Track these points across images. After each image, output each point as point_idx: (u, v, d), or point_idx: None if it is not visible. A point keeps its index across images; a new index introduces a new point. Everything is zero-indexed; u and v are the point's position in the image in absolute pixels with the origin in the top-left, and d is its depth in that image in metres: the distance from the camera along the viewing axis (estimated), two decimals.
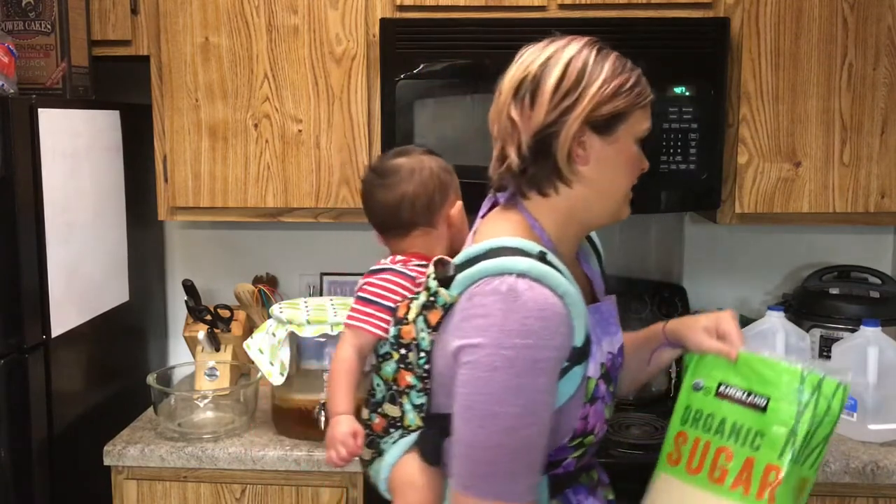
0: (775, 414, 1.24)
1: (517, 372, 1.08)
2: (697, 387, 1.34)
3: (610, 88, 1.16)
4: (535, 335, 1.08)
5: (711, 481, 1.28)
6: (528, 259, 1.12)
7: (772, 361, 1.28)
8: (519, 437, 1.09)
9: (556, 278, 1.12)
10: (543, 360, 1.09)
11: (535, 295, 1.10)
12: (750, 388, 1.28)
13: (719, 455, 1.28)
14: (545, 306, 1.09)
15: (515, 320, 1.08)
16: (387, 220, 1.51)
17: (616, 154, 1.20)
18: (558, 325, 1.10)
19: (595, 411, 1.21)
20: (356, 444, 1.38)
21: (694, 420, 1.32)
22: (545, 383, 1.10)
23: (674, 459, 1.34)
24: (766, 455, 1.23)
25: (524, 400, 1.09)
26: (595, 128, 1.17)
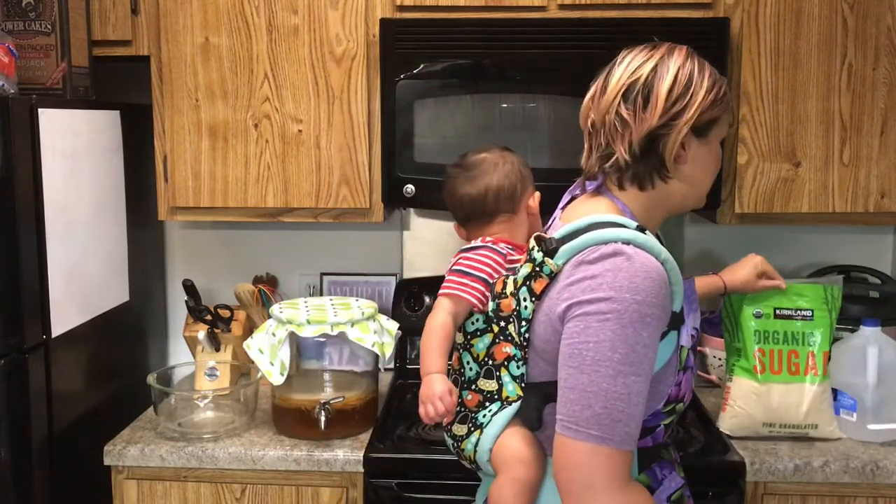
0: (817, 319, 1.90)
1: (624, 323, 1.17)
2: (759, 315, 1.91)
3: (711, 97, 1.29)
4: (644, 292, 1.18)
5: (790, 374, 1.88)
6: (630, 230, 1.24)
7: (803, 285, 1.92)
8: (621, 384, 1.16)
9: (657, 246, 1.24)
10: (649, 316, 1.18)
11: (641, 258, 1.21)
12: (796, 307, 1.91)
13: (790, 356, 1.89)
14: (650, 268, 1.20)
15: (625, 278, 1.18)
16: (473, 210, 1.60)
17: (708, 154, 1.34)
18: (662, 286, 1.20)
19: (687, 380, 1.31)
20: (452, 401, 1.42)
21: (765, 338, 1.90)
22: (649, 338, 1.18)
23: (759, 370, 1.89)
24: (821, 346, 1.89)
25: (628, 350, 1.17)
26: (695, 131, 1.30)
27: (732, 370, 1.93)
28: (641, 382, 1.18)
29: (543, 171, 1.95)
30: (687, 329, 1.29)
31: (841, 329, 2.03)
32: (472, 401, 1.43)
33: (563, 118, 1.97)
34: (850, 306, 2.10)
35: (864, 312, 2.06)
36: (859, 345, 1.90)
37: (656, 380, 1.25)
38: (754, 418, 1.88)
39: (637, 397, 1.18)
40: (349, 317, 1.90)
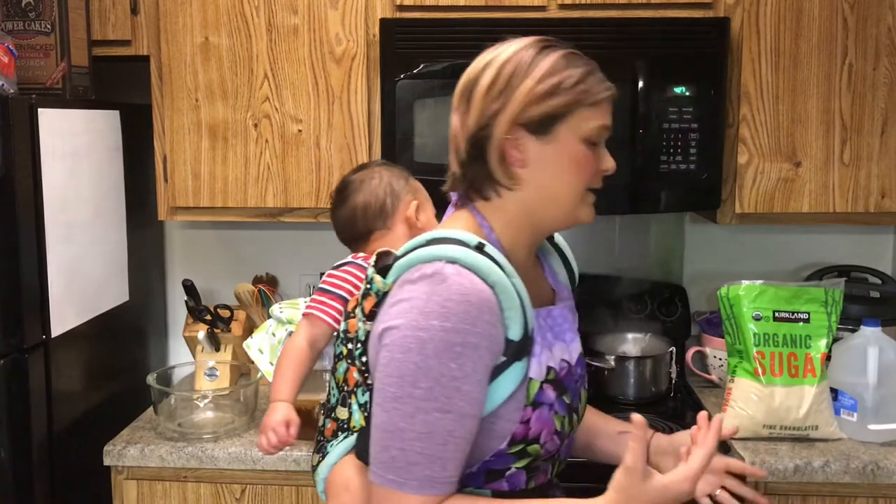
0: (815, 321, 1.91)
1: (428, 354, 1.04)
2: (758, 317, 1.90)
3: (543, 87, 1.12)
4: (455, 318, 1.04)
5: (791, 377, 1.88)
6: (463, 248, 1.10)
7: (803, 288, 1.93)
8: (420, 423, 1.04)
9: (486, 267, 1.08)
10: (460, 345, 1.04)
11: (461, 280, 1.06)
12: (794, 309, 1.91)
13: (790, 359, 1.89)
14: (469, 291, 1.06)
15: (436, 302, 1.05)
16: (347, 233, 1.60)
17: (555, 155, 1.14)
18: (482, 311, 1.06)
19: (540, 417, 1.14)
20: (287, 434, 1.39)
21: (764, 341, 1.89)
22: (460, 370, 1.04)
23: (759, 373, 1.88)
24: (817, 348, 1.89)
25: (430, 384, 1.04)
26: (530, 129, 1.14)
27: (734, 371, 1.93)
28: (451, 420, 1.04)
29: None
30: (540, 360, 1.15)
31: (841, 329, 2.03)
32: (330, 429, 1.34)
33: None
34: (851, 306, 2.10)
35: (864, 312, 2.06)
36: (860, 345, 1.90)
37: (495, 415, 1.10)
38: (755, 420, 1.88)
39: (445, 436, 1.04)
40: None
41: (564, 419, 1.18)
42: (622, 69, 1.94)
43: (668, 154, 1.98)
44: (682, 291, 2.36)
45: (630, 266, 2.42)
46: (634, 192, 1.98)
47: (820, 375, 1.88)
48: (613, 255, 2.43)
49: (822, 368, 1.89)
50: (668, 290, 2.36)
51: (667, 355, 2.14)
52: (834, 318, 1.92)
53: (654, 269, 2.44)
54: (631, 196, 1.99)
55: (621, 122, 1.96)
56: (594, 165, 1.17)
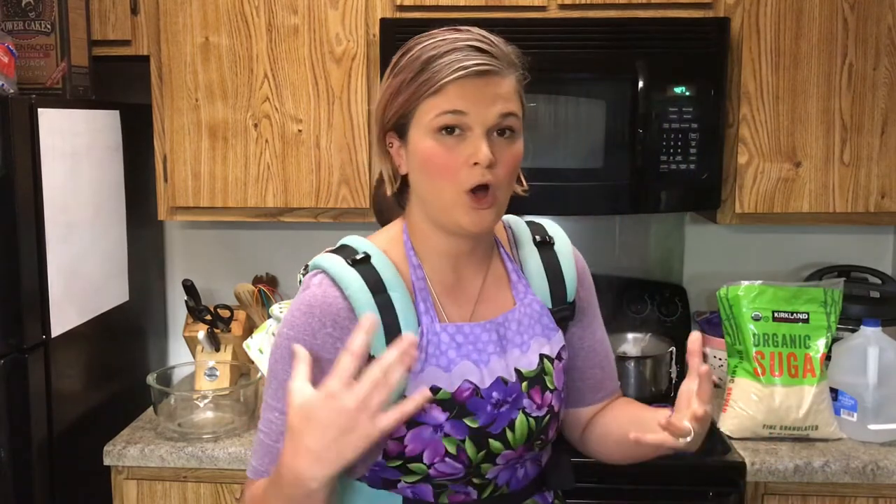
0: (815, 321, 1.91)
1: (276, 358, 1.12)
2: (757, 318, 1.91)
3: (390, 90, 1.11)
4: (297, 328, 1.10)
5: (791, 377, 1.88)
6: (338, 258, 1.13)
7: (802, 289, 1.94)
8: (264, 419, 1.13)
9: (348, 280, 1.10)
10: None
11: (316, 291, 1.11)
12: (794, 309, 1.92)
13: (790, 358, 1.89)
14: (316, 302, 1.10)
15: (291, 310, 1.13)
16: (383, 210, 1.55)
17: (411, 156, 1.11)
18: (325, 323, 1.09)
19: (417, 436, 1.10)
20: None
21: (764, 341, 1.90)
22: None
23: (759, 373, 1.89)
24: (817, 348, 1.90)
25: (276, 385, 1.11)
26: (396, 133, 1.13)
27: (734, 372, 1.93)
28: (284, 420, 1.06)
29: (544, 171, 1.95)
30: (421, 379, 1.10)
31: (841, 329, 2.03)
32: None
33: (564, 118, 1.97)
34: (851, 306, 2.10)
35: (864, 312, 2.06)
36: (860, 345, 1.90)
37: None
38: (755, 420, 1.88)
39: (276, 434, 1.10)
40: None
41: (464, 443, 1.11)
42: (622, 69, 1.94)
43: (668, 154, 1.98)
44: (682, 291, 2.36)
45: (630, 266, 2.42)
46: (634, 192, 1.98)
47: (819, 375, 1.88)
48: (613, 255, 2.43)
49: (822, 368, 1.89)
50: (668, 290, 2.36)
51: (667, 355, 2.14)
52: (833, 319, 1.92)
53: (654, 269, 2.44)
54: (631, 196, 1.99)
55: (621, 121, 1.97)
56: (449, 159, 1.07)
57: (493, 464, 1.15)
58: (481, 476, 1.15)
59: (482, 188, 1.08)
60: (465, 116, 1.06)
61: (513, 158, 1.10)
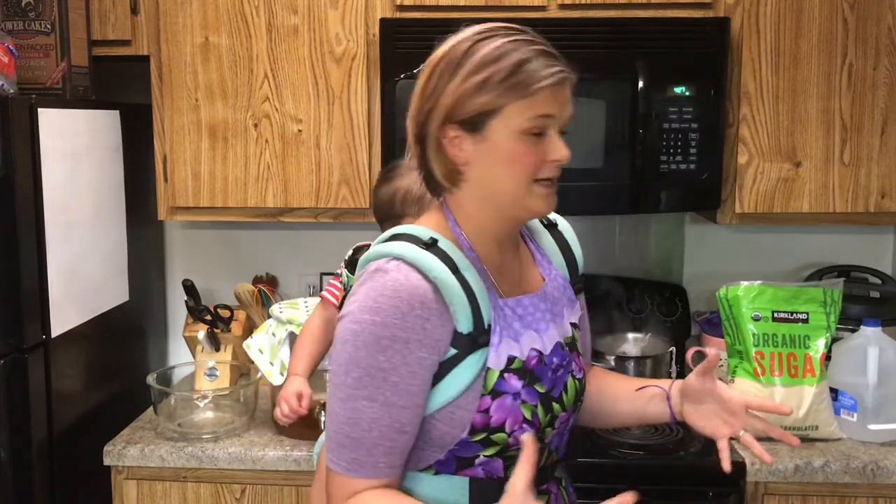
0: (814, 321, 1.91)
1: (358, 345, 1.10)
2: (757, 318, 1.91)
3: (469, 86, 1.12)
4: (384, 313, 1.09)
5: (790, 377, 1.88)
6: (410, 245, 1.14)
7: (802, 289, 1.94)
8: (350, 409, 1.12)
9: (428, 263, 1.12)
10: (387, 339, 1.09)
11: (398, 276, 1.11)
12: (793, 309, 1.92)
13: (789, 359, 1.89)
14: (402, 287, 1.10)
15: (371, 297, 1.11)
16: (382, 211, 1.62)
17: (489, 152, 1.14)
18: (413, 306, 1.10)
19: (501, 406, 1.15)
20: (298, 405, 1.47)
21: (763, 341, 1.90)
22: (388, 361, 1.10)
23: (759, 373, 1.89)
24: (816, 348, 1.90)
25: (361, 373, 1.10)
26: (464, 127, 1.14)
27: (734, 372, 1.93)
28: (377, 409, 1.10)
29: None
30: (499, 352, 1.16)
31: (841, 329, 2.03)
32: None
33: None
34: (851, 306, 2.10)
35: (864, 312, 2.06)
36: (860, 345, 1.90)
37: (454, 405, 1.14)
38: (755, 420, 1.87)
39: (370, 423, 1.11)
40: None
41: (536, 408, 1.18)
42: (622, 69, 1.94)
43: (668, 154, 1.98)
44: (682, 291, 2.36)
45: (630, 266, 2.42)
46: (634, 192, 1.98)
47: (819, 375, 1.88)
48: (613, 255, 2.43)
49: (822, 368, 1.89)
50: (668, 290, 2.36)
51: (667, 355, 2.14)
52: (833, 319, 1.92)
53: (654, 269, 2.44)
54: (631, 196, 1.99)
55: (621, 122, 1.97)
56: (535, 157, 1.14)
57: (553, 427, 1.22)
58: (543, 441, 1.21)
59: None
60: (550, 119, 1.15)
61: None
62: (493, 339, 1.16)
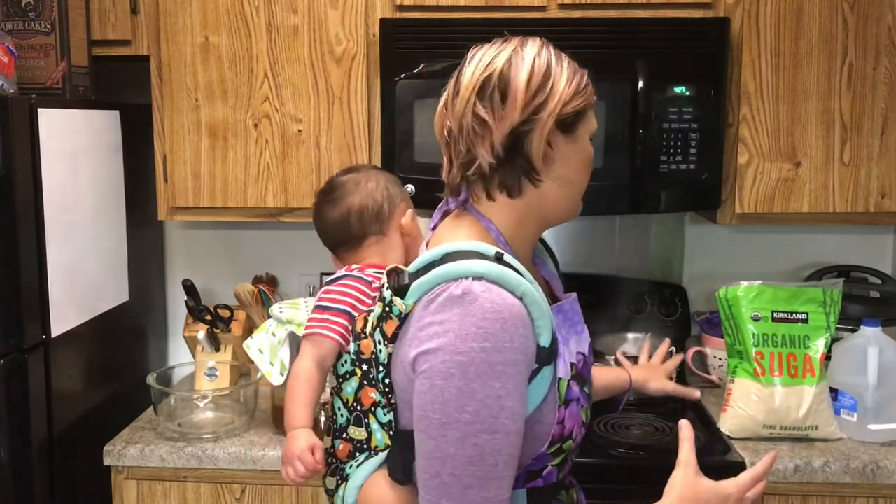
0: (814, 322, 1.92)
1: (471, 377, 1.03)
2: (757, 318, 1.91)
3: (573, 87, 1.15)
4: (493, 338, 1.04)
5: (790, 377, 1.88)
6: (485, 261, 1.08)
7: (801, 289, 1.94)
8: (471, 447, 1.04)
9: (514, 279, 1.07)
10: (501, 364, 1.04)
11: (492, 297, 1.05)
12: (793, 310, 1.92)
13: (789, 359, 1.89)
14: (503, 308, 1.05)
15: (472, 323, 1.04)
16: (338, 235, 1.53)
17: (577, 152, 1.19)
18: (517, 326, 1.05)
19: (571, 414, 1.15)
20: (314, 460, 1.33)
21: (763, 341, 1.90)
22: (503, 388, 1.04)
23: (759, 373, 1.89)
24: (816, 348, 1.90)
25: (477, 406, 1.03)
26: (560, 126, 1.15)
27: (734, 372, 1.93)
28: (500, 439, 1.04)
29: None
30: (563, 360, 1.16)
31: (841, 329, 2.03)
32: (343, 451, 1.29)
33: None
34: (850, 306, 2.10)
35: (864, 312, 2.06)
36: (860, 345, 1.90)
37: (534, 420, 1.11)
38: (755, 420, 1.88)
39: (495, 456, 1.04)
40: None
41: (586, 410, 1.22)
42: (622, 69, 1.94)
43: (668, 154, 1.98)
44: (682, 291, 2.36)
45: (630, 266, 2.42)
46: (634, 192, 1.98)
47: (819, 375, 1.88)
48: (613, 255, 2.43)
49: (822, 368, 1.90)
50: (668, 290, 2.36)
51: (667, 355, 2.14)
52: (832, 319, 1.92)
53: (654, 269, 2.44)
54: (631, 196, 1.99)
55: (621, 121, 1.97)
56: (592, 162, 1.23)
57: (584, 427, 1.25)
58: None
59: None
60: None
61: None
62: (560, 348, 1.15)
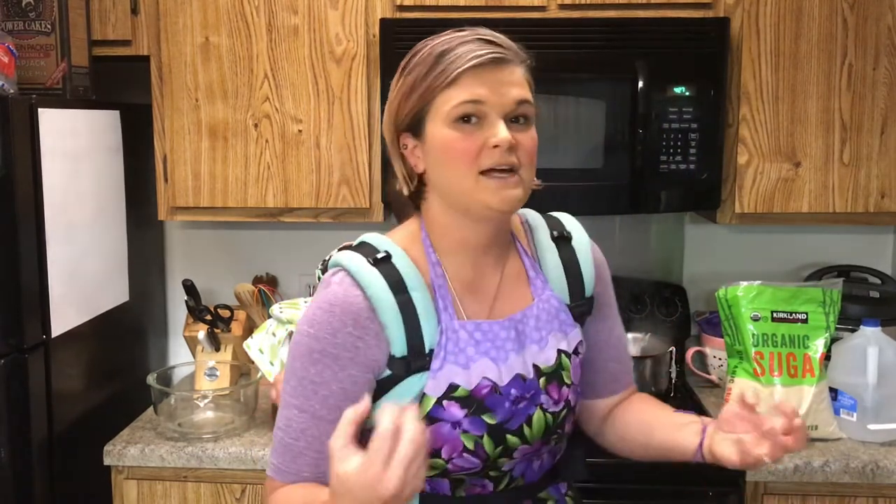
0: (814, 321, 1.91)
1: (295, 356, 1.13)
2: (756, 318, 1.91)
3: (402, 91, 1.14)
4: (317, 326, 1.11)
5: (790, 377, 1.88)
6: (360, 257, 1.13)
7: (801, 289, 1.94)
8: (283, 417, 1.14)
9: (369, 279, 1.11)
10: (318, 353, 1.10)
11: (337, 290, 1.11)
12: (793, 310, 1.92)
13: (789, 358, 1.89)
14: (337, 301, 1.10)
15: (313, 308, 1.13)
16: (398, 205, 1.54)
17: (431, 149, 1.13)
18: (345, 323, 1.10)
19: (437, 432, 1.11)
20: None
21: (763, 341, 1.90)
22: (317, 375, 1.10)
23: (759, 373, 1.89)
24: (816, 348, 1.89)
25: (295, 383, 1.13)
26: (411, 133, 1.15)
27: (734, 372, 1.93)
28: (307, 419, 1.11)
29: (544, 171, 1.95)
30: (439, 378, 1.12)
31: (841, 329, 2.03)
32: None
33: (564, 118, 1.97)
34: (850, 306, 2.10)
35: (864, 312, 2.06)
36: (859, 345, 1.90)
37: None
38: None
39: (298, 433, 1.12)
40: None
41: (481, 439, 1.13)
42: (622, 69, 1.94)
43: (668, 154, 1.98)
44: (682, 291, 2.36)
45: (630, 266, 2.42)
46: (634, 192, 1.98)
47: (819, 375, 1.88)
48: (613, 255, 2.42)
49: (821, 368, 1.90)
50: (668, 290, 2.36)
51: (667, 355, 2.14)
52: (832, 318, 1.92)
53: (653, 269, 2.44)
54: (631, 196, 1.99)
55: (621, 121, 1.97)
56: (470, 145, 1.10)
57: (510, 458, 1.17)
58: (498, 469, 1.17)
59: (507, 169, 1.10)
60: (481, 105, 1.09)
61: (531, 142, 1.13)
62: (434, 364, 1.12)
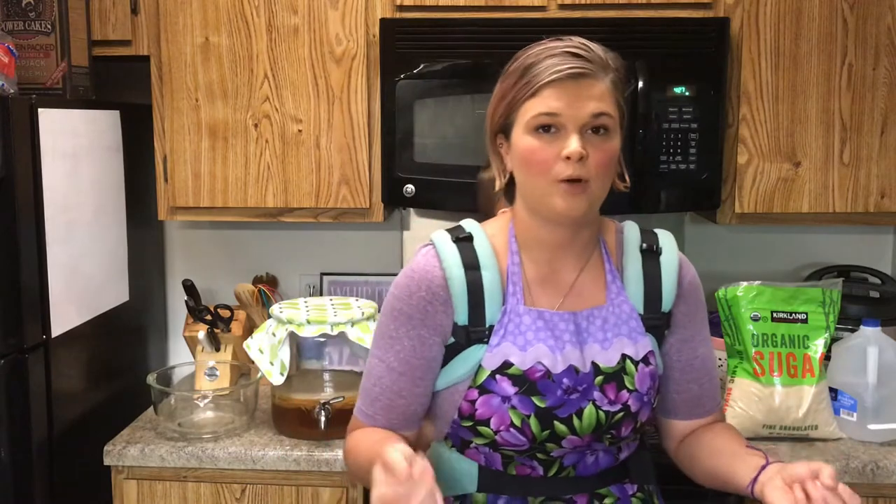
0: (813, 321, 1.91)
1: (382, 313, 1.31)
2: (756, 318, 1.90)
3: (498, 95, 1.25)
4: (399, 288, 1.28)
5: (790, 377, 1.88)
6: (446, 234, 1.29)
7: (801, 289, 1.93)
8: (369, 364, 1.32)
9: (446, 254, 1.26)
10: (397, 311, 1.27)
11: (421, 260, 1.28)
12: (792, 310, 1.91)
13: (789, 359, 1.89)
14: (418, 269, 1.27)
15: (400, 274, 1.30)
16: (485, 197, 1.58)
17: (514, 154, 1.24)
18: (420, 287, 1.25)
19: (487, 403, 1.24)
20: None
21: (763, 341, 1.89)
22: (396, 330, 1.27)
23: (759, 373, 1.88)
24: (816, 348, 1.90)
25: (379, 334, 1.30)
26: (503, 134, 1.26)
27: (734, 372, 1.93)
28: (383, 368, 1.28)
29: None
30: (496, 353, 1.24)
31: (841, 329, 2.03)
32: None
33: None
34: (850, 306, 2.10)
35: (864, 312, 2.06)
36: (859, 345, 1.90)
37: (453, 388, 1.27)
38: (755, 419, 1.88)
39: (374, 378, 1.30)
40: (349, 317, 1.90)
41: (529, 419, 1.23)
42: None
43: (668, 154, 1.98)
44: None
45: None
46: (634, 192, 1.97)
47: (819, 375, 1.89)
48: None
49: (821, 368, 1.90)
50: None
51: None
52: (832, 318, 1.92)
53: None
54: (631, 196, 1.98)
55: None
56: (546, 154, 1.19)
57: (559, 445, 1.25)
58: (546, 454, 1.26)
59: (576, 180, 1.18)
60: (558, 117, 1.18)
61: (604, 154, 1.20)
62: (493, 340, 1.25)
